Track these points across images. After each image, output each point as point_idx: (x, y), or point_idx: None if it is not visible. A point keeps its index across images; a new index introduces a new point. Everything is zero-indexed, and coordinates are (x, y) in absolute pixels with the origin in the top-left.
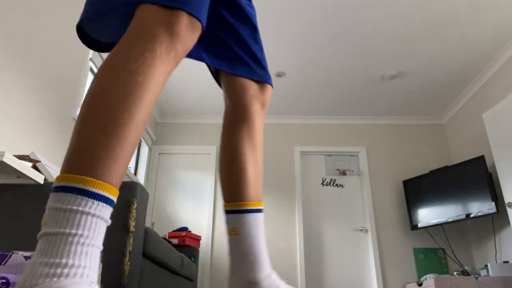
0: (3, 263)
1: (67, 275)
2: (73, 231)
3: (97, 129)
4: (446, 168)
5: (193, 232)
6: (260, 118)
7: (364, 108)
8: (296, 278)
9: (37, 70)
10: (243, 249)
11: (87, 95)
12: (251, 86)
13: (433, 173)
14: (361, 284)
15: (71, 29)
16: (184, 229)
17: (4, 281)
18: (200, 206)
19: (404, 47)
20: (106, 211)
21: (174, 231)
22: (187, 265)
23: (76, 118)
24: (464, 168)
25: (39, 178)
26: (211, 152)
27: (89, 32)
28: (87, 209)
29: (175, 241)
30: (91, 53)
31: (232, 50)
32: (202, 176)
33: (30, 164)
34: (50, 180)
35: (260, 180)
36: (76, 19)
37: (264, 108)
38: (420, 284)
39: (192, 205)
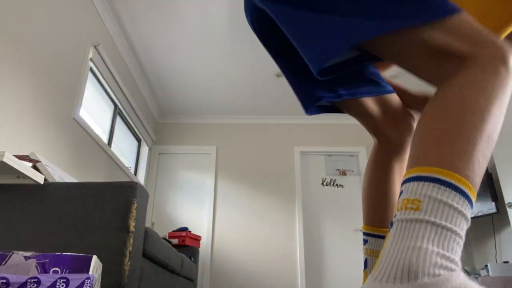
0: (3, 263)
1: (453, 270)
2: (459, 232)
3: (476, 138)
4: None
5: (193, 232)
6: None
7: None
8: (296, 278)
9: (37, 70)
10: None
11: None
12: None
13: None
14: (361, 284)
15: (71, 29)
16: (184, 229)
17: (4, 281)
18: (200, 206)
19: None
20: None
21: (174, 231)
22: (187, 265)
23: (75, 118)
24: None
25: (39, 178)
26: (211, 152)
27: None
28: (467, 214)
29: (175, 241)
30: (91, 53)
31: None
32: (202, 176)
33: (30, 164)
34: (50, 180)
35: None
36: (77, 17)
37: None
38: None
39: (192, 205)
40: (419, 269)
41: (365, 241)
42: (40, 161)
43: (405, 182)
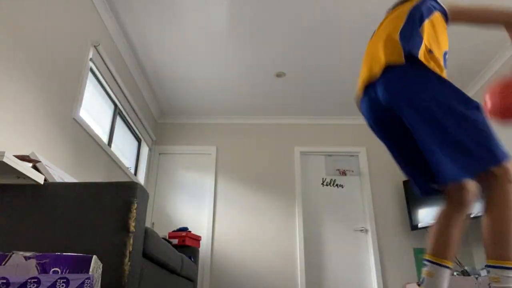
0: (3, 263)
1: None
2: None
3: None
4: None
5: (193, 232)
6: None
7: None
8: (296, 278)
9: (37, 70)
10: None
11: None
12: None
13: None
14: (361, 284)
15: (71, 29)
16: (184, 229)
17: (4, 281)
18: (200, 206)
19: None
20: None
21: (174, 231)
22: (187, 265)
23: (75, 118)
24: None
25: (39, 178)
26: (211, 152)
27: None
28: None
29: (175, 241)
30: (91, 53)
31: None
32: (202, 176)
33: (30, 164)
34: (50, 180)
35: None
36: (77, 17)
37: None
38: (420, 284)
39: (192, 205)
40: None
41: (425, 265)
42: (40, 161)
43: (487, 266)
